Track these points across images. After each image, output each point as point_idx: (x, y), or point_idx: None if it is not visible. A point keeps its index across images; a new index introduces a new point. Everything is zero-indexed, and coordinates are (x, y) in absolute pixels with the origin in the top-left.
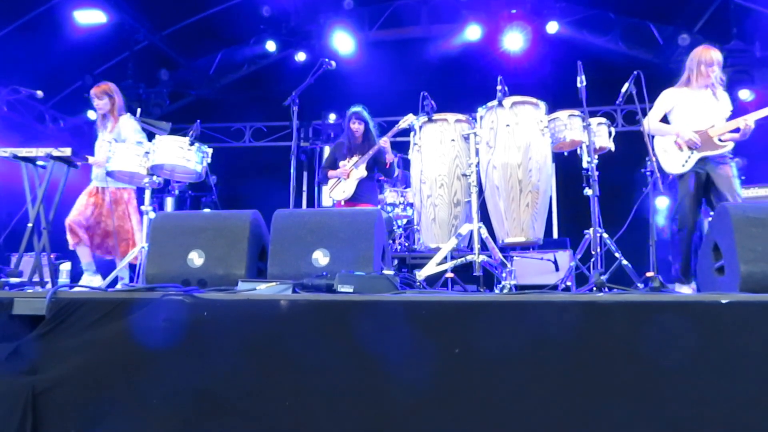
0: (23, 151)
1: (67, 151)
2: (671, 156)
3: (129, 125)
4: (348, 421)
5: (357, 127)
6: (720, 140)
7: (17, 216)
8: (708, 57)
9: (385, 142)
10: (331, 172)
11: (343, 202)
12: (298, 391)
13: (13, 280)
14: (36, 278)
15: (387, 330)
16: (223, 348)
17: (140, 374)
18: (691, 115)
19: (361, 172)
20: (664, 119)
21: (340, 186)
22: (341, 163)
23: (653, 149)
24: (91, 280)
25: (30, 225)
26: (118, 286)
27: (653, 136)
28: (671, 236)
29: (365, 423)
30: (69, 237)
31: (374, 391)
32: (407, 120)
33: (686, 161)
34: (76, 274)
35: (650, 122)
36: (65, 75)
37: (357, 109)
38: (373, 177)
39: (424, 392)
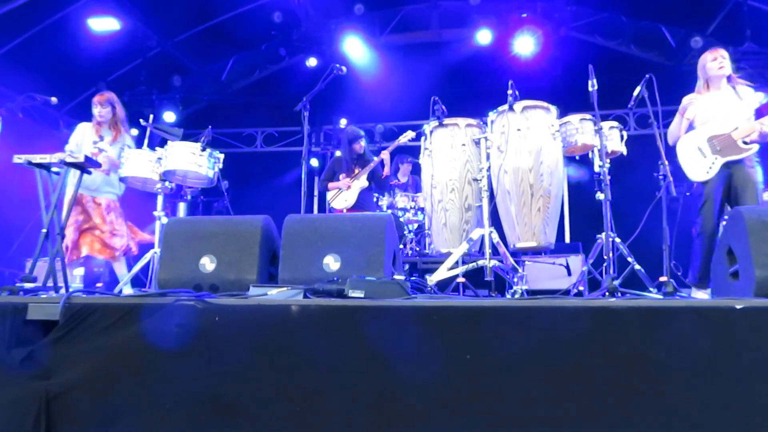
0: (37, 158)
1: (80, 158)
2: (695, 163)
3: (130, 143)
4: (359, 427)
5: (360, 146)
6: (744, 143)
7: (31, 222)
8: (704, 57)
9: (385, 155)
10: (332, 184)
11: (345, 211)
12: (309, 397)
13: (28, 285)
14: (50, 283)
15: (398, 335)
16: (234, 353)
17: (153, 379)
18: (713, 119)
19: (363, 182)
20: (690, 127)
21: (342, 196)
22: (341, 176)
23: (674, 153)
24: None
25: (44, 231)
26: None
27: (666, 143)
28: (692, 240)
29: (376, 428)
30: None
31: (385, 397)
32: (407, 136)
33: (710, 167)
34: (89, 281)
35: (672, 132)
36: (79, 82)
37: (357, 129)
38: (371, 188)
39: (435, 398)
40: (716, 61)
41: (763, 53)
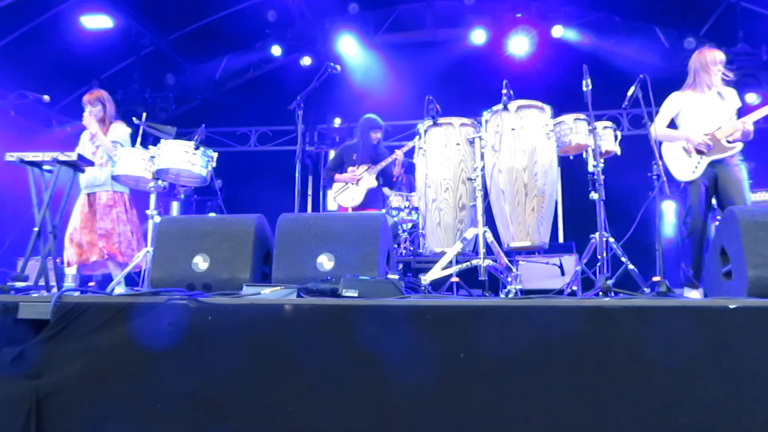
0: (30, 156)
1: (73, 156)
2: (680, 163)
3: (123, 130)
4: (352, 426)
5: (376, 135)
6: (728, 142)
7: (23, 220)
8: (712, 56)
9: (399, 155)
10: (338, 176)
11: (350, 209)
12: (303, 396)
13: (19, 284)
14: (42, 282)
15: (392, 335)
16: (227, 352)
17: (144, 378)
18: (697, 119)
19: (372, 182)
20: (672, 124)
21: (349, 192)
22: (350, 169)
23: (660, 155)
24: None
25: (36, 229)
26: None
27: (660, 142)
28: (681, 241)
29: (370, 428)
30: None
31: (379, 396)
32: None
33: (696, 167)
34: (81, 279)
35: (657, 128)
36: (72, 80)
37: (377, 118)
38: (379, 187)
39: (429, 397)
40: (716, 66)
41: (755, 54)
